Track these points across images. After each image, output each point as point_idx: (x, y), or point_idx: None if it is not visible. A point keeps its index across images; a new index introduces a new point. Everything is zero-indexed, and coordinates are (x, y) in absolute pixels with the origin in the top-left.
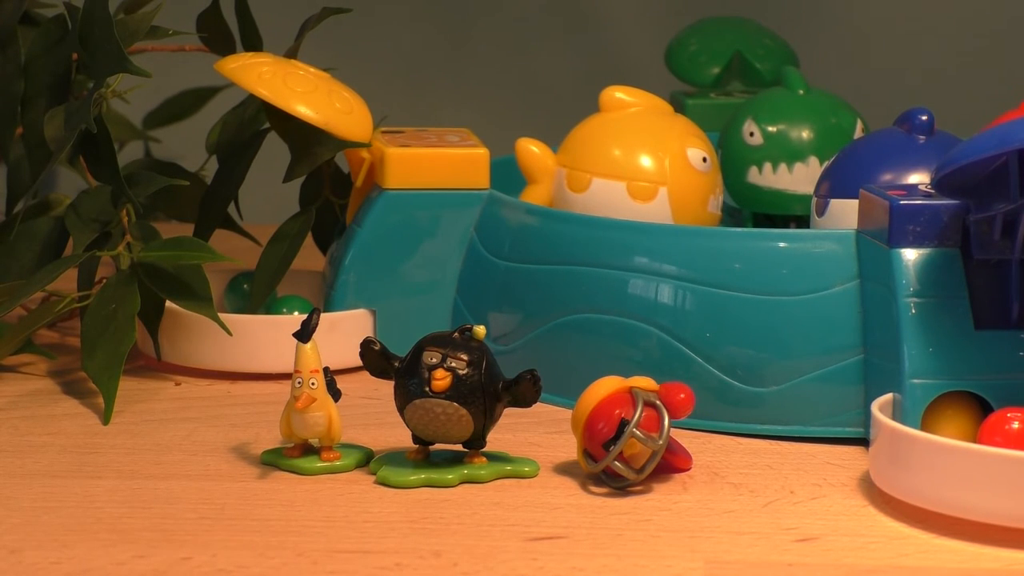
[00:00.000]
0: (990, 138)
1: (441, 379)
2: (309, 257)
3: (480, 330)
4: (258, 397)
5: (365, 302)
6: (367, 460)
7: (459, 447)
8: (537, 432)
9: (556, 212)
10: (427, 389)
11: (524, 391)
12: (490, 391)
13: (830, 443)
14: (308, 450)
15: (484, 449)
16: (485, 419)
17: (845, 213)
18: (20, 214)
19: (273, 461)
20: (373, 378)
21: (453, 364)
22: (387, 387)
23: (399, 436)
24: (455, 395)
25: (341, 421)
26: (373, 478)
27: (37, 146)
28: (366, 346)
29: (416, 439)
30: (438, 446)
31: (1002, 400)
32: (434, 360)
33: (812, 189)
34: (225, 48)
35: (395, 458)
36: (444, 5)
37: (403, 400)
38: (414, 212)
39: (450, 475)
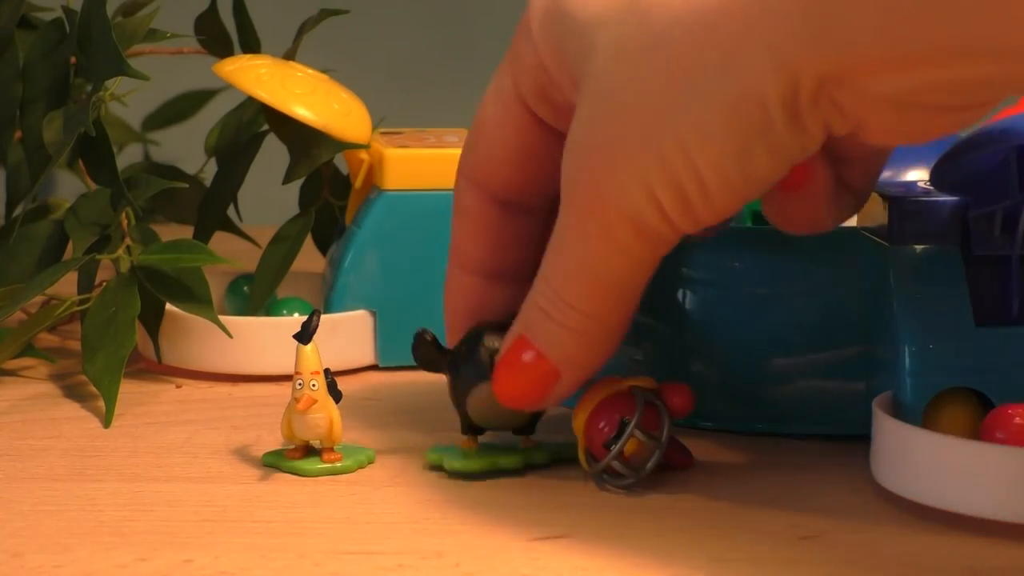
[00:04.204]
0: (989, 134)
1: None
2: (309, 259)
3: None
4: (259, 399)
5: (365, 303)
6: (368, 461)
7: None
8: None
9: None
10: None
11: None
12: None
13: (831, 440)
14: (309, 451)
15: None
16: None
17: None
18: (19, 218)
19: (274, 463)
20: (373, 379)
21: None
22: (387, 388)
23: (400, 437)
24: None
25: (342, 422)
26: (375, 480)
27: (36, 150)
28: (420, 337)
29: (468, 428)
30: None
31: (1003, 396)
32: (496, 344)
33: None
34: (223, 50)
35: (452, 450)
36: (443, 6)
37: (463, 389)
38: (414, 213)
39: (514, 458)
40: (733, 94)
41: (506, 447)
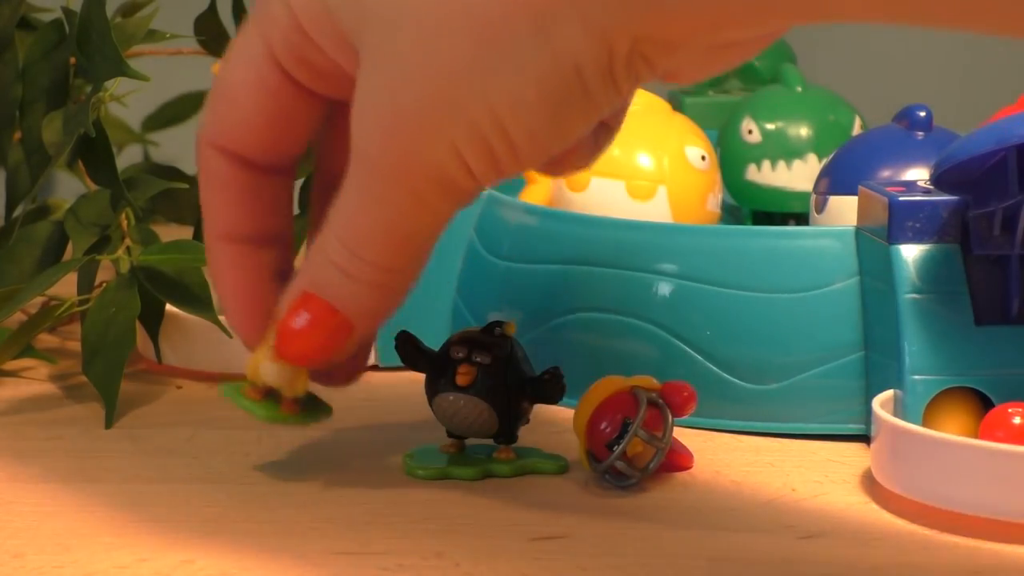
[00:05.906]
0: (988, 134)
1: (465, 374)
2: None
3: (511, 327)
4: None
5: None
6: (326, 417)
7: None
8: (539, 432)
9: (555, 211)
10: (452, 383)
11: (546, 387)
12: (514, 387)
13: (831, 440)
14: (269, 395)
15: (516, 444)
16: (510, 415)
17: (844, 210)
18: (19, 219)
19: (232, 395)
20: (373, 379)
21: (478, 359)
22: (386, 389)
23: (399, 437)
24: (478, 390)
25: (308, 377)
26: (375, 480)
27: (36, 151)
28: (401, 337)
29: (449, 432)
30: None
31: (1003, 395)
32: (460, 355)
33: (811, 186)
34: (223, 51)
35: (426, 451)
36: None
37: (430, 393)
38: None
39: (471, 469)
40: (546, 64)
41: (472, 456)
